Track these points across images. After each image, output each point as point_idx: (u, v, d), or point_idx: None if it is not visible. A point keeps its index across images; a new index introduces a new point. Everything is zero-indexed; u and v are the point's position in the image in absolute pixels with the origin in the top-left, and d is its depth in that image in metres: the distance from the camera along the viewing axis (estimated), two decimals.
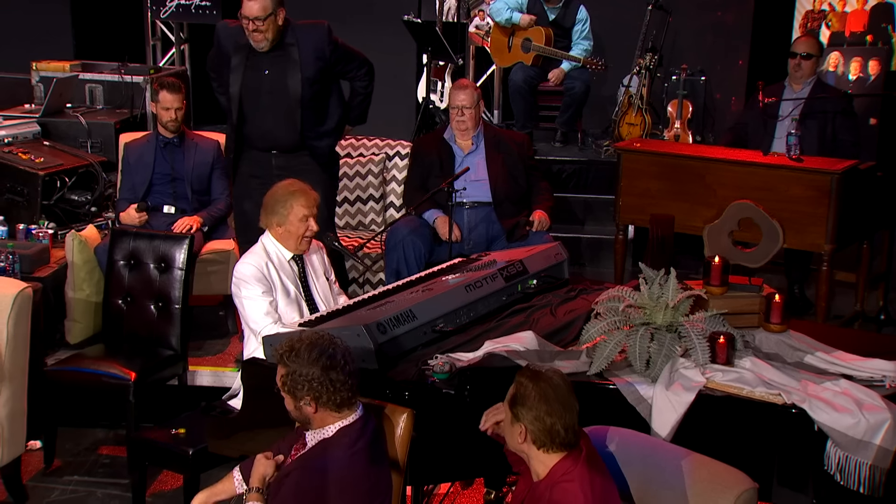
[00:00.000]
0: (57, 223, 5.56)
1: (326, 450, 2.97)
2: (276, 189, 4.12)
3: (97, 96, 6.91)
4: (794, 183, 5.16)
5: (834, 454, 3.13)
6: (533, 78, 7.13)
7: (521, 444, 2.79)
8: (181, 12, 8.02)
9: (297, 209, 4.03)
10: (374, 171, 6.02)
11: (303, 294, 4.13)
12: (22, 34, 8.10)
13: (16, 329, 4.13)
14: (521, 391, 2.78)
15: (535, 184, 5.50)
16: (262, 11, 4.57)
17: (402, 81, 7.86)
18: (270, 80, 4.76)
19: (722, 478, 2.86)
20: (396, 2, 7.71)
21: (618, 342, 3.40)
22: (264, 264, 4.05)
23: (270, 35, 4.65)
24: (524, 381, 2.79)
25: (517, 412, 2.78)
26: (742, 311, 3.60)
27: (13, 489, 4.34)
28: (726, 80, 7.82)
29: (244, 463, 3.22)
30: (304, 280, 4.16)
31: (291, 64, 4.72)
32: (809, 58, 5.69)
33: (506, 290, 3.96)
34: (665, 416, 3.26)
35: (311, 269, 4.20)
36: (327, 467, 2.95)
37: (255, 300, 4.00)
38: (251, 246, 4.15)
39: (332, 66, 4.83)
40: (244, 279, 4.02)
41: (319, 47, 4.76)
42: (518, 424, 2.78)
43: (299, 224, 4.04)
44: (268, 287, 4.02)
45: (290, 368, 2.95)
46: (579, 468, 2.74)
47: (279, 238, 4.09)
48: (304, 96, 4.76)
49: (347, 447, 2.96)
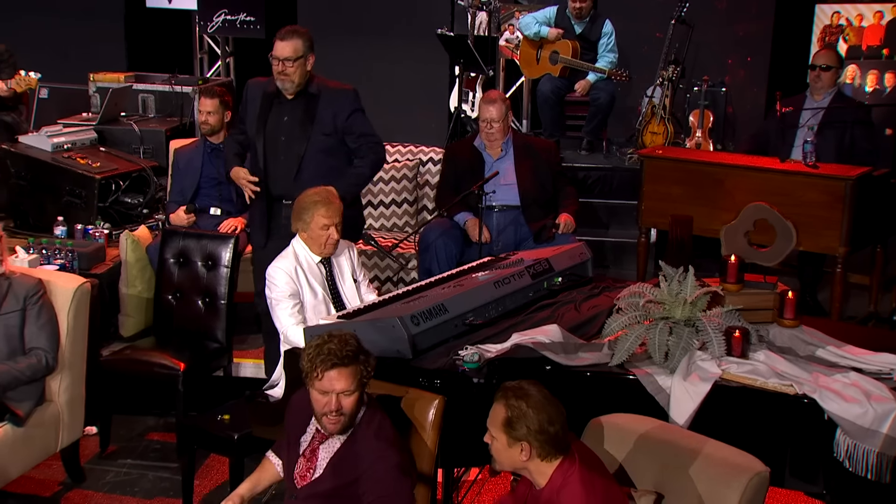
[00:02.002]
0: (112, 224, 5.64)
1: (374, 431, 3.00)
2: (303, 196, 4.16)
3: (149, 105, 7.03)
4: (810, 188, 5.18)
5: (843, 442, 3.15)
6: (560, 89, 7.15)
7: (525, 462, 2.76)
8: (227, 27, 8.16)
9: (317, 218, 4.08)
10: (409, 176, 6.07)
11: (330, 295, 4.19)
12: (80, 48, 8.25)
13: (75, 321, 4.23)
14: (515, 412, 2.73)
15: (561, 188, 5.53)
16: (293, 52, 4.42)
17: (435, 92, 7.90)
18: (288, 127, 4.57)
19: (735, 462, 2.88)
20: (431, 16, 7.77)
21: (638, 335, 3.43)
22: (293, 268, 4.11)
23: (297, 79, 4.48)
24: (513, 403, 2.74)
25: (515, 433, 2.73)
26: (757, 307, 3.61)
27: (72, 470, 4.45)
28: (747, 91, 7.81)
29: (276, 445, 3.27)
30: (332, 282, 4.22)
31: (309, 114, 4.53)
32: (828, 69, 5.69)
33: (532, 286, 3.99)
34: (682, 405, 3.29)
35: (339, 271, 4.25)
36: (391, 440, 3.01)
37: (281, 302, 4.09)
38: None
39: (343, 130, 4.57)
40: (273, 282, 4.11)
41: (340, 106, 4.55)
42: (518, 444, 2.74)
43: (320, 232, 4.10)
44: (295, 290, 4.09)
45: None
46: (577, 470, 2.74)
47: (306, 242, 4.16)
48: (312, 148, 4.54)
49: (382, 420, 3.03)
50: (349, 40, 8.00)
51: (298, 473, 3.05)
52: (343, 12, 8.00)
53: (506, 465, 2.83)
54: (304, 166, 4.51)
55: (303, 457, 3.05)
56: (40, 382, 4.14)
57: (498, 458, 2.84)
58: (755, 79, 7.81)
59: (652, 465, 2.99)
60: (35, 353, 4.07)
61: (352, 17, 8.00)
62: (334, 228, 4.10)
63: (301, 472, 3.04)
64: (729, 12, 7.77)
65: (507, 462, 2.82)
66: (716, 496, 2.83)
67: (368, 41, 7.97)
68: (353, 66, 7.98)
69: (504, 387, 2.83)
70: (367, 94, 7.83)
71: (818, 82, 5.70)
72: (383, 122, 7.50)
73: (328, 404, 2.92)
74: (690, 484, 2.88)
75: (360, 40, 7.99)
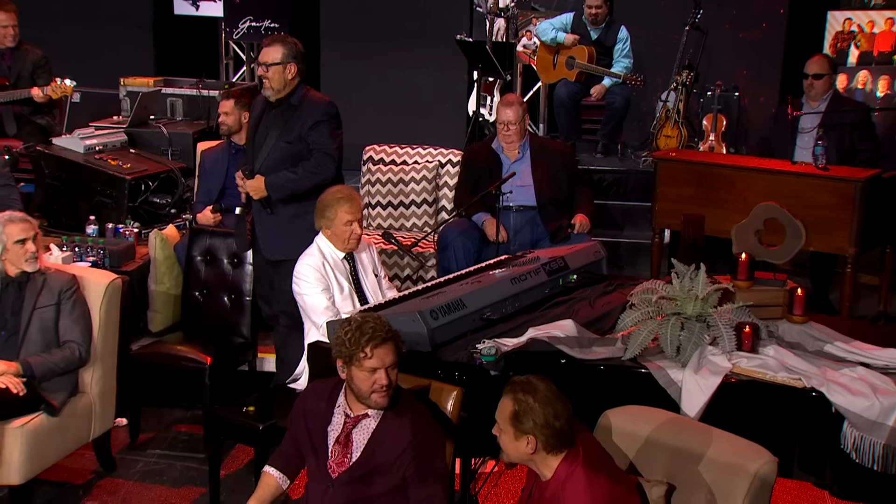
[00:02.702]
0: (141, 223, 5.68)
1: (410, 404, 3.07)
2: (326, 194, 4.21)
3: (177, 109, 7.09)
4: (821, 190, 5.18)
5: (850, 434, 3.18)
6: (576, 93, 7.18)
7: (531, 455, 2.78)
8: (252, 33, 8.25)
9: (341, 214, 4.13)
10: (428, 178, 6.11)
11: (354, 289, 4.24)
12: (110, 54, 8.34)
13: (107, 315, 4.31)
14: (522, 407, 2.75)
15: (577, 190, 5.55)
16: (272, 58, 4.39)
17: (454, 96, 7.95)
18: (267, 134, 4.52)
19: (744, 451, 2.89)
20: (450, 23, 7.81)
21: (651, 330, 3.46)
22: (321, 263, 4.15)
23: (275, 84, 4.41)
24: (520, 397, 2.76)
25: (522, 426, 2.75)
26: (767, 304, 3.64)
27: (103, 459, 4.53)
28: (759, 96, 7.82)
29: (272, 457, 3.27)
30: (356, 277, 4.26)
31: (282, 122, 4.47)
32: (820, 77, 5.73)
33: (548, 283, 4.04)
34: (694, 398, 3.32)
35: (362, 266, 4.30)
36: (426, 411, 3.08)
37: (315, 296, 4.10)
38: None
39: (305, 138, 4.45)
40: (304, 278, 4.13)
41: (309, 115, 4.45)
42: (524, 437, 2.76)
43: (344, 227, 4.15)
44: (326, 285, 4.13)
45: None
46: (581, 464, 2.75)
47: (330, 239, 4.20)
48: (272, 154, 4.47)
49: (409, 394, 3.09)
50: (371, 46, 8.08)
51: (334, 462, 3.04)
52: (365, 19, 8.07)
53: (513, 457, 2.85)
54: (261, 171, 4.47)
55: (337, 444, 3.05)
56: (74, 374, 4.23)
57: (505, 450, 2.85)
58: (768, 84, 7.82)
59: (663, 455, 3.00)
60: (69, 346, 4.16)
61: (373, 24, 8.06)
62: (357, 224, 4.15)
63: (336, 459, 3.04)
64: (742, 19, 7.78)
65: (513, 454, 2.83)
66: (725, 485, 2.84)
67: (389, 47, 8.03)
68: (375, 70, 8.06)
69: (512, 381, 2.84)
70: (388, 98, 8.00)
71: (812, 90, 5.75)
72: (403, 126, 7.61)
73: (379, 380, 2.95)
74: (700, 473, 2.90)
75: (382, 46, 8.05)
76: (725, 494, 2.83)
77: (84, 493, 4.37)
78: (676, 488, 2.94)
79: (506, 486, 4.33)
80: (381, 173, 6.19)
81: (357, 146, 6.51)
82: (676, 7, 7.38)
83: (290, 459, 3.23)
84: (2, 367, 3.99)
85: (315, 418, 3.13)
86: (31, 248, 4.14)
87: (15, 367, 4.01)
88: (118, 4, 8.66)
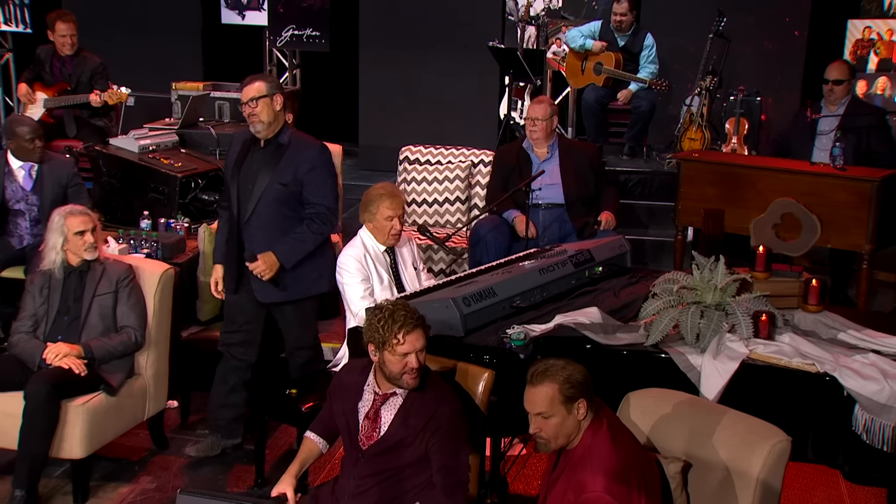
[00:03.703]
0: (191, 218, 5.75)
1: (433, 380, 3.17)
2: (370, 191, 4.33)
3: (224, 111, 7.24)
4: (838, 189, 5.21)
5: (861, 417, 3.23)
6: (604, 97, 7.23)
7: (581, 420, 2.80)
8: (294, 41, 8.40)
9: (383, 210, 4.25)
10: (461, 177, 6.20)
11: (394, 281, 4.34)
12: (163, 61, 8.47)
13: (160, 303, 4.44)
14: (563, 379, 2.76)
15: (603, 189, 5.61)
16: (256, 92, 4.14)
17: (486, 100, 7.98)
18: (256, 175, 4.25)
19: (759, 431, 2.94)
20: (483, 30, 7.88)
21: (672, 318, 3.53)
22: (362, 255, 4.27)
23: (265, 118, 4.17)
24: (557, 373, 2.78)
25: (570, 396, 2.76)
26: (783, 294, 3.69)
27: (157, 437, 4.65)
28: (781, 101, 7.82)
29: (313, 424, 3.39)
30: (395, 269, 4.37)
31: (274, 163, 4.23)
32: (840, 83, 5.79)
33: (575, 274, 4.11)
34: (712, 381, 3.38)
35: (401, 259, 4.40)
36: (448, 387, 3.19)
37: (353, 286, 4.23)
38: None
39: (301, 182, 4.22)
40: (346, 268, 4.26)
41: (302, 158, 4.21)
42: (575, 405, 2.78)
43: (385, 222, 4.26)
44: (365, 275, 4.24)
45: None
46: (606, 427, 2.82)
47: (372, 232, 4.31)
48: (266, 196, 4.22)
49: (433, 372, 3.20)
50: (408, 52, 8.15)
51: (364, 435, 3.17)
52: (402, 26, 8.15)
53: (563, 438, 2.81)
54: (256, 212, 4.25)
55: (367, 419, 3.18)
56: (130, 357, 4.36)
57: (556, 436, 2.81)
58: (789, 89, 7.81)
59: (682, 433, 3.06)
60: (126, 331, 4.29)
61: (410, 31, 8.14)
62: (398, 219, 4.25)
63: (366, 433, 3.17)
64: (764, 27, 7.78)
65: (565, 433, 2.80)
66: (740, 462, 2.89)
67: (425, 53, 8.10)
68: (411, 75, 8.14)
69: (532, 373, 2.84)
70: (424, 102, 8.08)
71: (831, 95, 5.80)
72: (437, 128, 7.68)
73: (410, 363, 3.06)
74: (717, 451, 2.96)
75: (418, 52, 8.12)
76: (741, 471, 2.88)
77: (139, 468, 4.48)
78: (693, 465, 2.99)
79: (533, 468, 4.40)
80: (416, 172, 6.30)
81: (394, 147, 6.62)
82: (701, 16, 7.39)
83: (329, 426, 3.36)
84: (65, 349, 4.14)
85: (347, 396, 3.25)
86: (89, 239, 4.28)
87: (77, 350, 4.16)
88: (169, 15, 8.82)
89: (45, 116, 6.58)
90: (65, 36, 6.63)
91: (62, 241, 4.28)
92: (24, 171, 5.32)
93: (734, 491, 2.89)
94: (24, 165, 5.32)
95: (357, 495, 3.16)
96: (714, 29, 7.14)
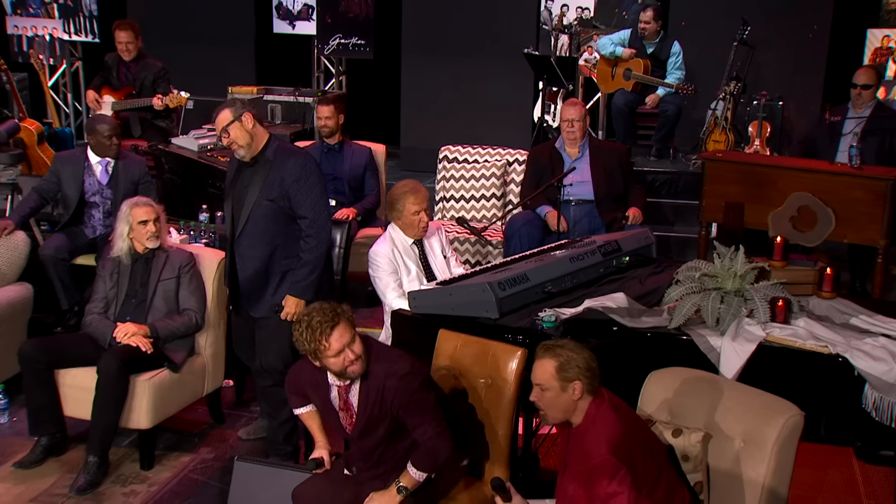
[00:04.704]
0: None
1: (375, 356, 3.21)
2: (394, 190, 4.43)
3: (276, 113, 7.42)
4: (855, 187, 5.23)
5: (870, 395, 3.27)
6: (632, 102, 7.28)
7: (576, 401, 2.83)
8: (340, 49, 8.56)
9: (409, 206, 4.35)
10: (497, 175, 6.28)
11: (423, 271, 4.43)
12: (219, 67, 8.64)
13: (218, 288, 4.56)
14: (564, 360, 2.81)
15: (631, 186, 5.68)
16: (224, 122, 4.00)
17: (521, 103, 8.05)
18: (246, 193, 4.10)
19: (774, 406, 2.99)
20: (519, 38, 7.96)
21: (694, 303, 3.58)
22: (391, 250, 4.38)
23: (242, 140, 4.02)
24: (558, 352, 2.82)
25: (567, 375, 2.81)
26: (799, 282, 3.73)
27: (214, 413, 4.80)
28: (802, 105, 7.81)
29: (292, 403, 3.53)
30: (425, 259, 4.47)
31: (261, 179, 4.06)
32: (868, 87, 5.82)
33: (603, 263, 4.18)
34: (731, 361, 3.43)
35: (430, 250, 4.50)
36: (394, 357, 3.22)
37: (383, 279, 4.35)
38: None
39: (288, 195, 4.04)
40: (375, 262, 4.38)
41: (287, 170, 4.03)
42: (571, 385, 2.81)
43: (413, 217, 4.37)
44: (394, 268, 4.36)
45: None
46: (607, 402, 2.87)
47: (400, 228, 4.42)
48: (256, 212, 4.06)
49: (379, 346, 3.28)
50: (448, 59, 8.25)
51: (345, 423, 3.31)
52: (442, 35, 8.26)
53: (558, 412, 2.87)
54: (246, 230, 4.10)
55: (341, 410, 3.30)
56: (191, 337, 4.51)
57: (550, 409, 2.87)
58: (810, 95, 7.79)
59: (702, 408, 3.12)
60: (187, 313, 4.45)
61: (449, 40, 8.24)
62: (424, 213, 4.36)
63: (346, 421, 3.30)
64: (787, 35, 7.78)
65: (559, 408, 2.86)
66: (757, 434, 2.95)
67: (464, 59, 8.20)
68: (451, 80, 8.23)
69: (541, 346, 2.90)
70: (462, 105, 8.18)
71: (859, 98, 5.83)
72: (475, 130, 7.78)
73: (345, 359, 3.13)
74: (735, 424, 3.02)
75: (458, 59, 8.22)
76: (756, 442, 2.94)
77: (199, 440, 4.62)
78: (713, 436, 3.05)
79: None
80: (455, 170, 6.40)
81: (433, 149, 6.73)
82: (726, 25, 7.43)
83: (304, 396, 3.48)
84: (133, 329, 4.31)
85: (318, 391, 3.36)
86: (151, 228, 4.43)
87: (144, 329, 4.32)
88: (226, 25, 9.00)
89: (112, 118, 6.78)
90: (122, 43, 6.81)
91: (128, 230, 4.44)
92: (101, 166, 5.51)
93: (751, 461, 2.95)
94: (101, 161, 5.50)
95: (368, 468, 3.32)
96: (738, 37, 7.16)
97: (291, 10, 8.80)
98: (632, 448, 2.80)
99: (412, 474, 3.19)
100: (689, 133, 7.64)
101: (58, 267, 5.36)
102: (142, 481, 4.24)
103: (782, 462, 2.92)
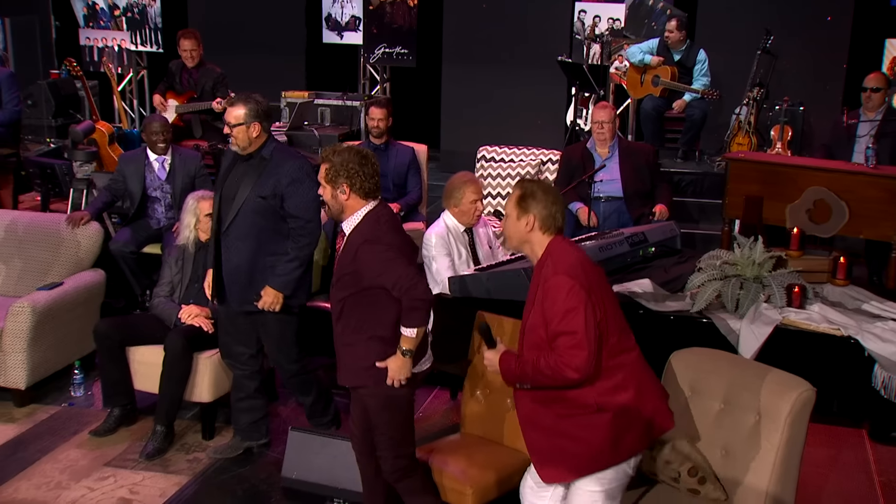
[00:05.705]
0: None
1: (363, 228, 3.22)
2: (453, 179, 4.56)
3: (326, 116, 7.57)
4: (871, 186, 5.23)
5: (880, 374, 3.35)
6: (660, 107, 7.33)
7: (528, 233, 2.85)
8: (385, 58, 8.70)
9: (468, 195, 4.49)
10: (531, 173, 6.35)
11: (471, 256, 4.58)
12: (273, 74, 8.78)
13: None
14: (528, 191, 2.85)
15: (658, 185, 5.72)
16: (234, 119, 3.95)
17: (554, 108, 8.13)
18: (237, 186, 4.03)
19: (787, 382, 3.07)
20: (553, 46, 8.03)
21: (715, 289, 3.69)
22: (445, 234, 4.52)
23: (240, 143, 3.97)
24: (527, 185, 2.85)
25: (526, 206, 2.83)
26: (814, 270, 3.81)
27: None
28: (822, 111, 7.79)
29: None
30: (473, 246, 4.61)
31: (255, 176, 4.00)
32: (878, 91, 5.84)
33: (630, 253, 4.28)
34: (749, 343, 3.53)
35: (478, 238, 4.64)
36: (377, 236, 3.19)
37: (439, 259, 4.48)
38: None
39: (282, 196, 3.97)
40: (432, 245, 4.51)
41: (283, 171, 3.98)
42: (525, 216, 2.84)
43: (470, 205, 4.50)
44: (448, 251, 4.49)
45: (333, 162, 3.19)
46: (564, 239, 2.90)
47: (455, 216, 4.56)
48: (246, 207, 3.97)
49: (376, 221, 3.26)
50: (485, 66, 8.35)
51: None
52: (481, 43, 8.35)
53: (514, 238, 2.90)
54: (235, 223, 4.01)
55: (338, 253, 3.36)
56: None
57: (507, 232, 2.92)
58: (830, 101, 7.77)
59: (721, 383, 3.20)
60: None
61: (488, 48, 8.33)
62: (480, 202, 4.50)
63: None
64: (809, 44, 7.78)
65: (514, 234, 2.88)
66: (771, 407, 3.04)
67: (501, 67, 8.29)
68: (488, 86, 8.34)
69: (522, 178, 2.96)
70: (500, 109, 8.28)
71: (869, 102, 5.86)
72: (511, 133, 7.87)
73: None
74: (751, 398, 3.10)
75: (494, 67, 8.32)
76: (771, 415, 3.03)
77: None
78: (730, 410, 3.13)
79: None
80: (492, 169, 6.51)
81: (471, 152, 6.84)
82: (750, 34, 7.46)
83: None
84: (196, 311, 4.48)
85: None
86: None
87: (206, 311, 4.48)
88: (279, 36, 9.18)
89: (176, 120, 6.99)
90: (186, 51, 6.98)
91: (195, 221, 4.60)
92: (159, 163, 5.70)
93: (765, 431, 3.03)
94: (158, 158, 5.68)
95: (337, 319, 3.33)
96: (762, 46, 7.18)
97: (340, 21, 8.98)
98: (590, 278, 2.76)
99: (406, 334, 3.19)
100: (714, 136, 7.67)
101: (126, 259, 5.60)
102: (203, 450, 4.40)
103: (795, 434, 3.00)
